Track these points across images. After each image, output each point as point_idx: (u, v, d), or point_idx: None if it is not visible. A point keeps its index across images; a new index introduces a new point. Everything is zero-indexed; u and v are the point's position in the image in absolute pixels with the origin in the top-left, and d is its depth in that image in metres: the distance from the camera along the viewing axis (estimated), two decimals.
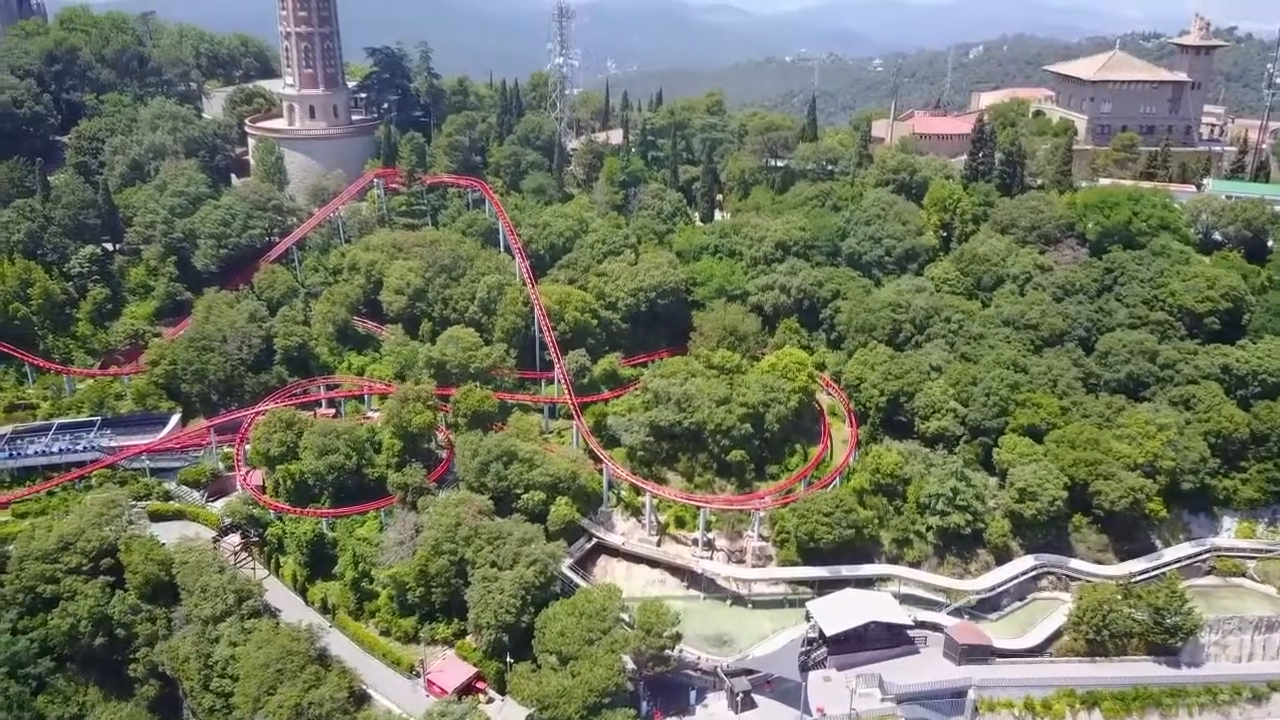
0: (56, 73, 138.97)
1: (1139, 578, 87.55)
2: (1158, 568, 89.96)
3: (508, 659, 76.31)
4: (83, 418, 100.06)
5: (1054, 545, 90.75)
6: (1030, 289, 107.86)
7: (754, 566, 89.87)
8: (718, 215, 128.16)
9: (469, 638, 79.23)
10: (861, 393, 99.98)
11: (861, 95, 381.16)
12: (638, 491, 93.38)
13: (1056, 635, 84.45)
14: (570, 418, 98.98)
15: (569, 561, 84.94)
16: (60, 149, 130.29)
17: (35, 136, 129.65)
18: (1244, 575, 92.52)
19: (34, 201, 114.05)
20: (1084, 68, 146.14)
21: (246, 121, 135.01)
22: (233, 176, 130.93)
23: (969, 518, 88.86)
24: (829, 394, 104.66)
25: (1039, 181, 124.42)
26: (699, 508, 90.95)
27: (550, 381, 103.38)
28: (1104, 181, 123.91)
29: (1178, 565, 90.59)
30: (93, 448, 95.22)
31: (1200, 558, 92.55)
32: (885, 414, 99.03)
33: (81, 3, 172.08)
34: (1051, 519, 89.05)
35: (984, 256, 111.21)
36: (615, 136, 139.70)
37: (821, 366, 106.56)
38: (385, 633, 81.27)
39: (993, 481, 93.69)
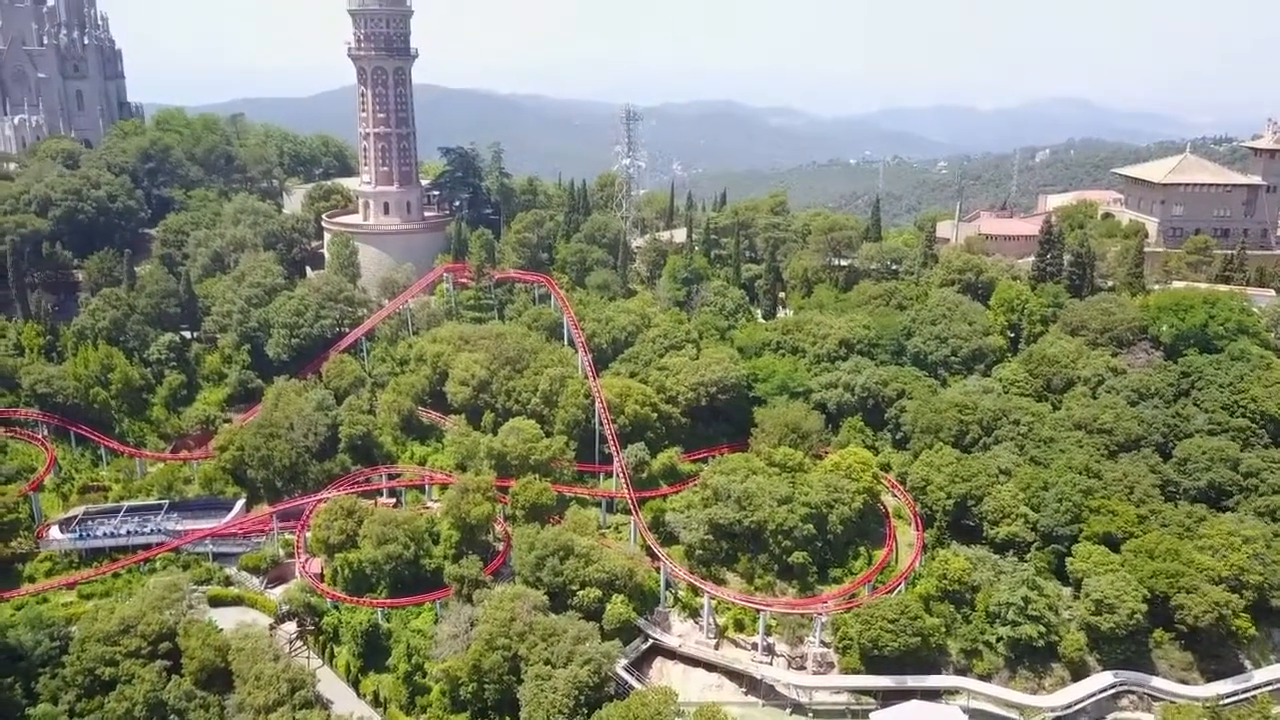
0: (150, 170, 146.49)
1: (1227, 700, 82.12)
2: (1247, 690, 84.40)
3: None
4: (151, 500, 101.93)
5: (1134, 662, 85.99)
6: (1103, 392, 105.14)
7: (815, 673, 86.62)
8: (780, 313, 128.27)
9: None
10: (927, 495, 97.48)
11: (926, 197, 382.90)
12: (696, 592, 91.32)
13: None
14: (628, 513, 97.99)
15: (624, 662, 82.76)
16: (148, 241, 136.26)
17: (126, 229, 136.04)
18: None
19: (120, 290, 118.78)
20: (1154, 171, 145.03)
21: (323, 216, 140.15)
22: (308, 269, 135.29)
23: (1042, 629, 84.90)
24: (894, 495, 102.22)
25: (1109, 283, 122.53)
26: (759, 610, 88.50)
27: (609, 475, 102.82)
28: (1177, 284, 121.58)
29: (1269, 688, 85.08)
30: (159, 531, 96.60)
31: None
32: (952, 518, 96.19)
33: (177, 105, 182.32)
34: (1130, 633, 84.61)
35: (1054, 358, 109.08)
36: (679, 235, 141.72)
37: (886, 467, 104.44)
38: None
39: (1066, 591, 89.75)
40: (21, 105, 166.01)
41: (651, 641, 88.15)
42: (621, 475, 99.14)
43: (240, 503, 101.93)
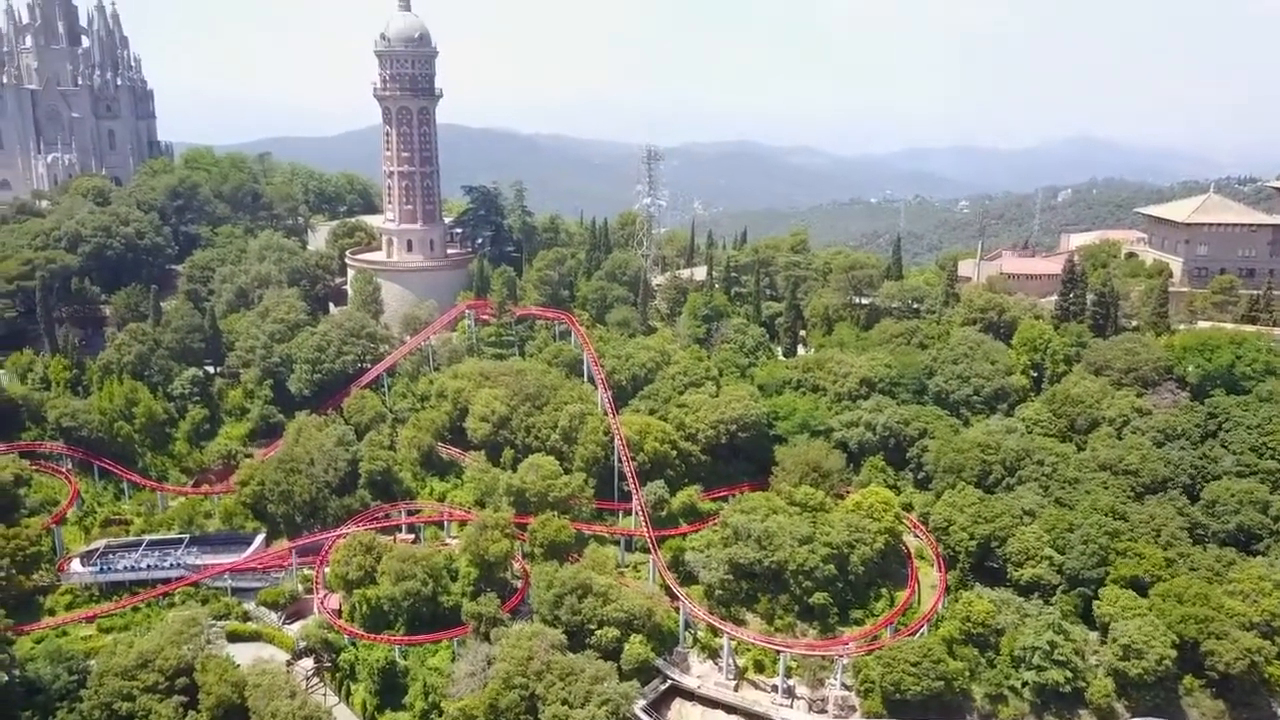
0: (178, 207, 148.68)
1: None
2: None
3: None
4: (172, 535, 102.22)
5: (1163, 709, 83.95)
6: (1128, 433, 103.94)
7: (836, 717, 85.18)
8: (801, 351, 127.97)
9: None
10: (950, 536, 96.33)
11: (947, 236, 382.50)
12: (715, 632, 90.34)
13: None
14: (647, 551, 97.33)
15: (642, 703, 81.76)
16: (175, 277, 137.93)
17: (153, 265, 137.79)
18: None
19: (146, 325, 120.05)
20: (1177, 210, 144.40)
21: (347, 253, 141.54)
22: (331, 305, 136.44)
23: (1068, 674, 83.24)
24: (916, 536, 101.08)
25: (1133, 323, 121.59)
26: (779, 652, 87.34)
27: (628, 513, 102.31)
28: (1203, 324, 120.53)
29: None
30: (179, 565, 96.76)
31: None
32: (975, 559, 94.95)
33: (206, 144, 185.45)
34: (1159, 679, 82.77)
35: (1078, 398, 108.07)
36: (699, 273, 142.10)
37: (908, 507, 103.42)
38: None
39: (1093, 636, 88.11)
40: (55, 144, 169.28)
41: (670, 682, 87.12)
42: (641, 513, 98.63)
43: (260, 537, 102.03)
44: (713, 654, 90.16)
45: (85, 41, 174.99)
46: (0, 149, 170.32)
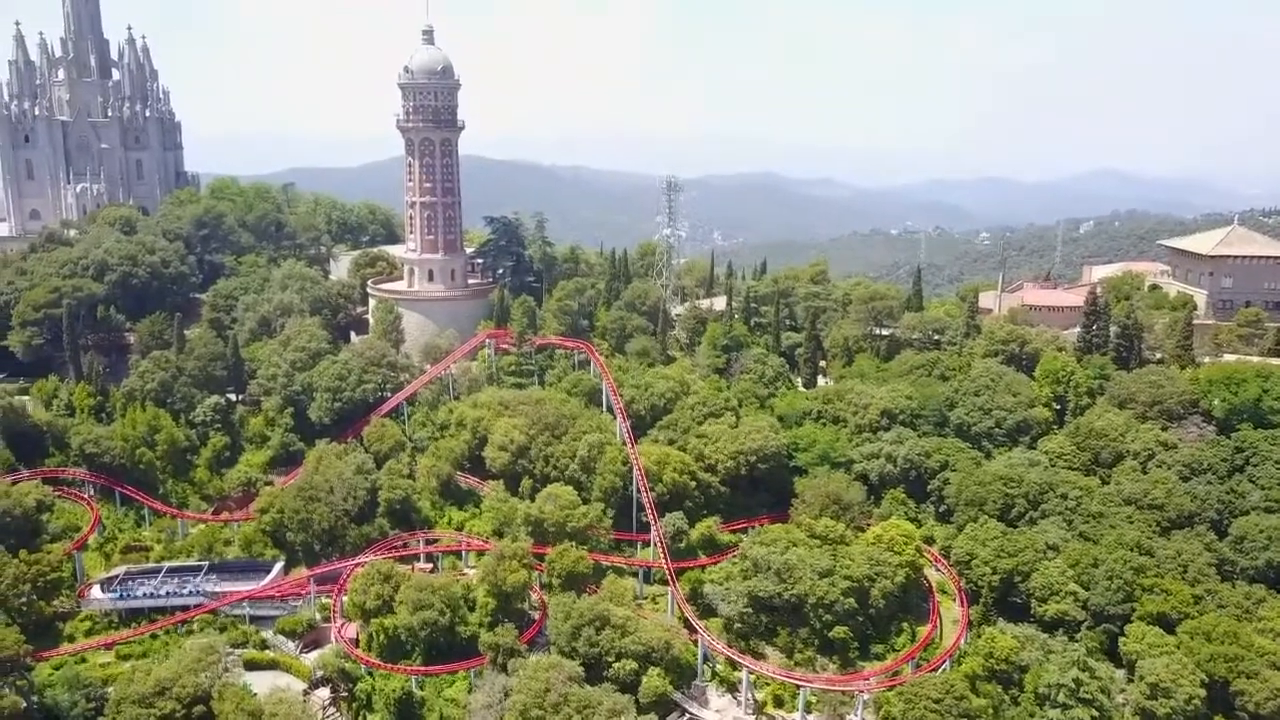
0: (203, 236, 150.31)
1: None
2: None
3: None
4: (192, 562, 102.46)
5: None
6: (1153, 466, 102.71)
7: None
8: (821, 381, 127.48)
9: None
10: (972, 570, 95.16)
11: (968, 268, 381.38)
12: (734, 666, 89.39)
13: None
14: (666, 583, 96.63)
15: None
16: (199, 305, 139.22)
17: (178, 293, 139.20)
18: None
19: (169, 353, 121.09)
20: (1201, 243, 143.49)
21: (369, 282, 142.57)
22: (352, 334, 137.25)
23: (1094, 713, 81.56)
24: (938, 570, 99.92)
25: (1158, 356, 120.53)
26: (799, 686, 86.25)
27: (646, 544, 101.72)
28: (1229, 357, 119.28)
29: None
30: (198, 592, 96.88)
31: None
32: (998, 594, 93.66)
33: (231, 175, 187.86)
34: (1188, 719, 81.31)
35: (1101, 431, 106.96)
36: (719, 303, 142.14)
37: (930, 540, 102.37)
38: None
39: (1120, 674, 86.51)
40: (85, 174, 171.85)
41: (688, 716, 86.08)
42: (659, 544, 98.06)
43: (279, 565, 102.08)
44: (731, 688, 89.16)
45: (116, 74, 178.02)
46: (31, 179, 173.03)
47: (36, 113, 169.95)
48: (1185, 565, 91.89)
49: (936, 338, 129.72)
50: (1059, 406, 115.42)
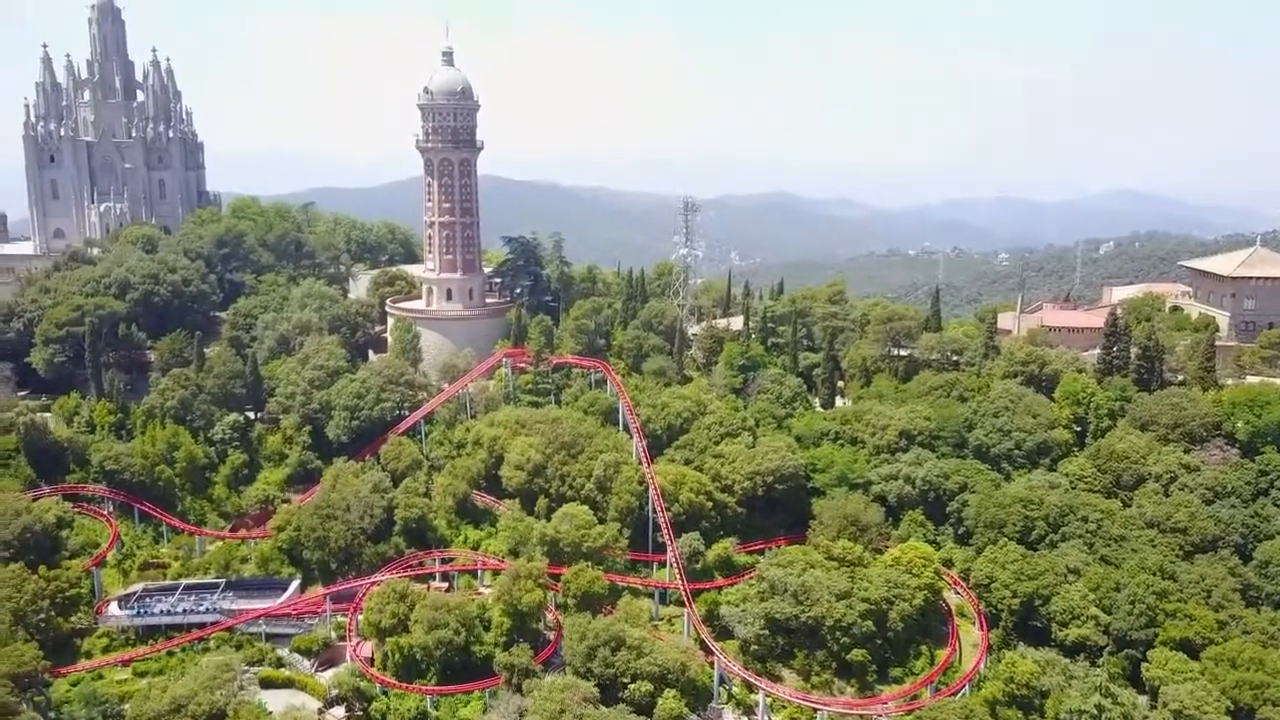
0: (224, 255, 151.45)
1: None
2: None
3: None
4: (209, 579, 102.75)
5: None
6: (1176, 490, 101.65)
7: None
8: (839, 402, 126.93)
9: None
10: (992, 593, 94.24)
11: (987, 289, 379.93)
12: (750, 688, 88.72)
13: None
14: (682, 605, 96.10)
15: None
16: (219, 323, 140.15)
17: (198, 312, 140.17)
18: None
19: (189, 371, 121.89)
20: (1222, 264, 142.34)
21: (387, 301, 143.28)
22: (370, 352, 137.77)
23: None
24: (957, 593, 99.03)
25: (1179, 378, 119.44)
26: (816, 710, 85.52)
27: (662, 565, 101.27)
28: (1252, 379, 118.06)
29: None
30: (214, 610, 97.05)
31: None
32: (1018, 617, 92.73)
33: (252, 194, 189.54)
34: None
35: (1123, 454, 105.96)
36: (736, 323, 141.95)
37: (948, 563, 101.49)
38: None
39: (1142, 700, 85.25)
40: (108, 194, 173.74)
41: None
42: (675, 565, 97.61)
43: (295, 583, 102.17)
44: (748, 711, 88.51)
45: (140, 96, 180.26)
46: (56, 199, 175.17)
47: (62, 134, 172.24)
48: (1209, 590, 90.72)
49: (955, 358, 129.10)
50: (1079, 428, 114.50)
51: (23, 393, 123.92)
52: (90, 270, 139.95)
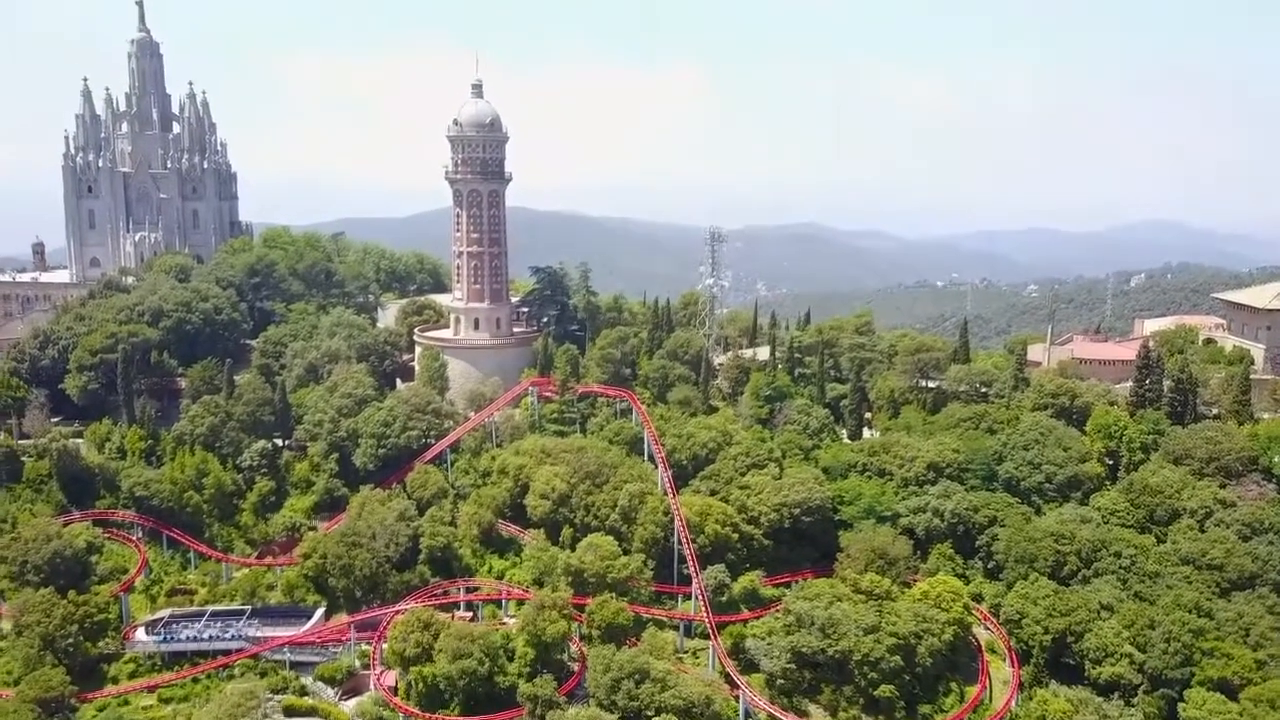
0: (255, 284, 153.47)
1: None
2: None
3: None
4: (235, 606, 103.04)
5: None
6: (1211, 525, 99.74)
7: None
8: (866, 433, 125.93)
9: None
10: (1023, 629, 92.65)
11: (1016, 320, 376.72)
12: None
13: None
14: (707, 637, 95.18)
15: None
16: (249, 351, 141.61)
17: (229, 339, 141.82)
18: None
19: (219, 398, 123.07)
20: (1258, 296, 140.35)
21: (415, 331, 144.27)
22: (398, 381, 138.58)
23: None
24: (986, 628, 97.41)
25: (1214, 411, 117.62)
26: None
27: (687, 597, 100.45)
28: None
29: None
30: (240, 637, 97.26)
31: None
32: (1050, 654, 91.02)
33: (284, 224, 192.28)
34: None
35: (1157, 488, 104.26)
36: (762, 353, 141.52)
37: (978, 598, 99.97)
38: None
39: None
40: (143, 223, 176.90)
41: None
42: (701, 598, 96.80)
43: (320, 611, 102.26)
44: None
45: (176, 127, 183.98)
46: (93, 228, 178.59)
47: (100, 164, 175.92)
48: (1247, 628, 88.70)
49: (984, 390, 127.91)
50: (1111, 462, 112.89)
51: (56, 419, 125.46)
52: (124, 298, 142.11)
